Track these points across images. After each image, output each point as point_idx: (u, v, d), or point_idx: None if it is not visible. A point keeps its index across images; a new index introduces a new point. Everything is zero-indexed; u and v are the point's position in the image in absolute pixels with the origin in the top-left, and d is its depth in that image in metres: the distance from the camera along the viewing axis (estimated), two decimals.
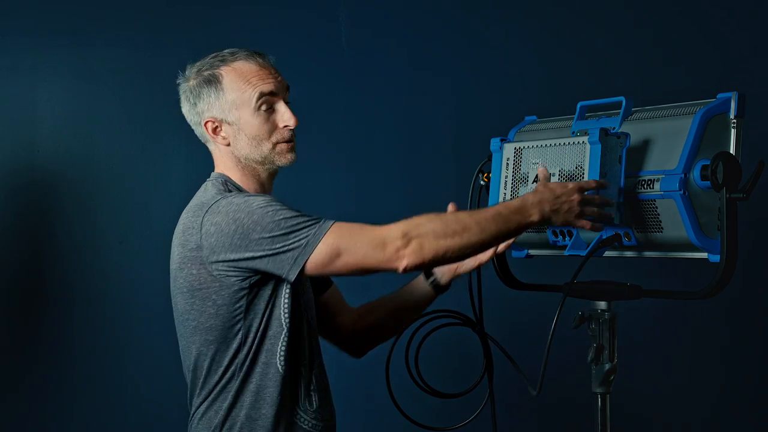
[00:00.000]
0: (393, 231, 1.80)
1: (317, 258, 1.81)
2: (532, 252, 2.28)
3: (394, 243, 1.79)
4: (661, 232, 1.94)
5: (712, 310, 3.40)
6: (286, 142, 1.98)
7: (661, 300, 2.08)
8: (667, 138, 1.95)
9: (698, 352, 3.54)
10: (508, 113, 3.38)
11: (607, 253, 2.08)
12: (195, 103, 1.98)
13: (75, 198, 3.16)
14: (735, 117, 1.93)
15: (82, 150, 3.17)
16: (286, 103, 2.00)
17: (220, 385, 1.94)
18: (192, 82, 1.99)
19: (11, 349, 3.11)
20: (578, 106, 2.14)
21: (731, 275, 1.89)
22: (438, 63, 3.45)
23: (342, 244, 1.80)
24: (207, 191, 1.96)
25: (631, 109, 2.07)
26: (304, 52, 3.32)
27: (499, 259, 2.33)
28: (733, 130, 1.93)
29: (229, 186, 1.97)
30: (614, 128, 2.00)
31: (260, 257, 1.83)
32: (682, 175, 1.88)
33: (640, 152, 1.98)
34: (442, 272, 2.19)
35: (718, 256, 1.89)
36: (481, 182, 2.21)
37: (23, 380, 3.10)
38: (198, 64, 2.01)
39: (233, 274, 1.86)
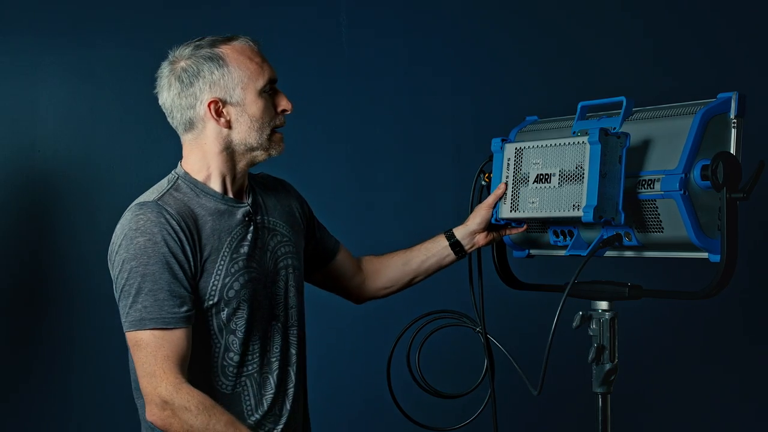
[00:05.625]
0: (163, 390, 1.78)
1: (129, 336, 1.83)
2: (533, 252, 2.28)
3: (155, 398, 1.78)
4: (662, 232, 1.94)
5: (714, 310, 3.41)
6: (280, 131, 1.96)
7: (662, 300, 2.08)
8: (668, 138, 1.95)
9: (699, 351, 3.54)
10: (508, 113, 3.38)
11: (608, 253, 2.08)
12: (190, 83, 1.89)
13: (75, 198, 3.16)
14: (735, 117, 1.92)
15: (82, 150, 3.18)
16: None
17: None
18: (184, 63, 1.91)
19: (11, 349, 3.11)
20: (579, 106, 2.14)
21: (731, 275, 1.88)
22: (438, 63, 3.45)
23: (140, 347, 1.81)
24: (151, 191, 1.95)
25: (632, 109, 2.07)
26: (304, 51, 3.32)
27: (500, 259, 2.33)
28: (733, 130, 1.92)
29: (180, 186, 1.94)
30: (615, 128, 2.00)
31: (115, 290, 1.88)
32: (683, 175, 1.87)
33: (640, 152, 1.98)
34: (466, 241, 2.21)
35: (719, 256, 1.89)
36: (483, 182, 2.21)
37: (24, 380, 3.11)
38: (187, 46, 1.93)
39: None
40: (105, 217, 3.16)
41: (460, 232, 2.22)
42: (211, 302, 1.88)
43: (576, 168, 1.96)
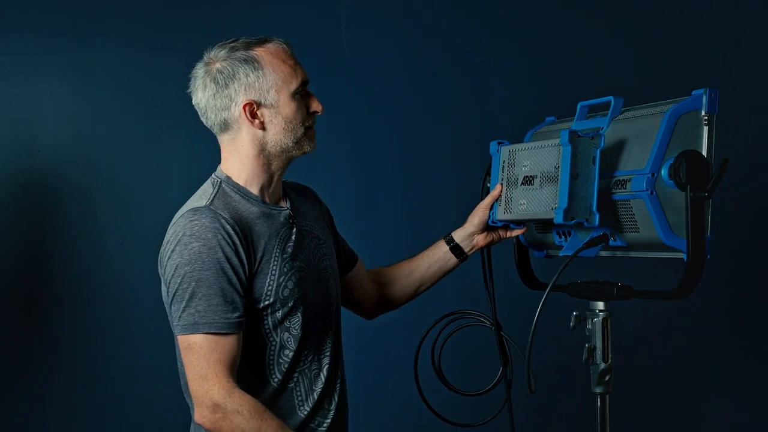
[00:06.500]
0: (215, 394, 1.79)
1: (181, 339, 1.84)
2: (550, 252, 2.28)
3: (206, 400, 1.79)
4: (638, 232, 1.92)
5: (715, 310, 3.40)
6: (313, 129, 1.99)
7: (665, 301, 2.06)
8: (641, 137, 1.92)
9: (700, 352, 3.53)
10: (508, 113, 3.38)
11: (602, 254, 2.07)
12: (226, 85, 1.91)
13: (75, 198, 3.17)
14: (707, 114, 1.89)
15: (83, 150, 3.18)
16: None
17: None
18: (220, 65, 1.92)
19: (11, 349, 3.12)
20: (579, 106, 2.14)
21: (699, 274, 1.85)
22: (438, 63, 3.44)
23: (193, 351, 1.82)
24: (199, 196, 1.94)
25: (620, 108, 2.05)
26: (304, 51, 3.29)
27: (521, 259, 2.32)
28: (705, 127, 1.89)
29: (226, 190, 1.94)
30: (603, 128, 2.00)
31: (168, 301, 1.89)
32: (649, 175, 1.85)
33: (618, 152, 1.96)
34: (465, 243, 2.22)
35: None
36: (488, 184, 2.22)
37: (23, 380, 3.12)
38: (222, 48, 1.94)
39: None
40: (105, 217, 3.18)
41: (458, 235, 2.23)
42: (267, 302, 1.89)
43: (554, 169, 1.96)
